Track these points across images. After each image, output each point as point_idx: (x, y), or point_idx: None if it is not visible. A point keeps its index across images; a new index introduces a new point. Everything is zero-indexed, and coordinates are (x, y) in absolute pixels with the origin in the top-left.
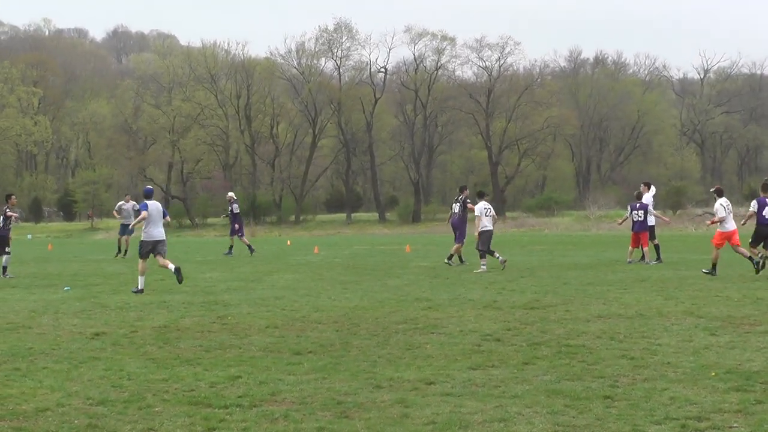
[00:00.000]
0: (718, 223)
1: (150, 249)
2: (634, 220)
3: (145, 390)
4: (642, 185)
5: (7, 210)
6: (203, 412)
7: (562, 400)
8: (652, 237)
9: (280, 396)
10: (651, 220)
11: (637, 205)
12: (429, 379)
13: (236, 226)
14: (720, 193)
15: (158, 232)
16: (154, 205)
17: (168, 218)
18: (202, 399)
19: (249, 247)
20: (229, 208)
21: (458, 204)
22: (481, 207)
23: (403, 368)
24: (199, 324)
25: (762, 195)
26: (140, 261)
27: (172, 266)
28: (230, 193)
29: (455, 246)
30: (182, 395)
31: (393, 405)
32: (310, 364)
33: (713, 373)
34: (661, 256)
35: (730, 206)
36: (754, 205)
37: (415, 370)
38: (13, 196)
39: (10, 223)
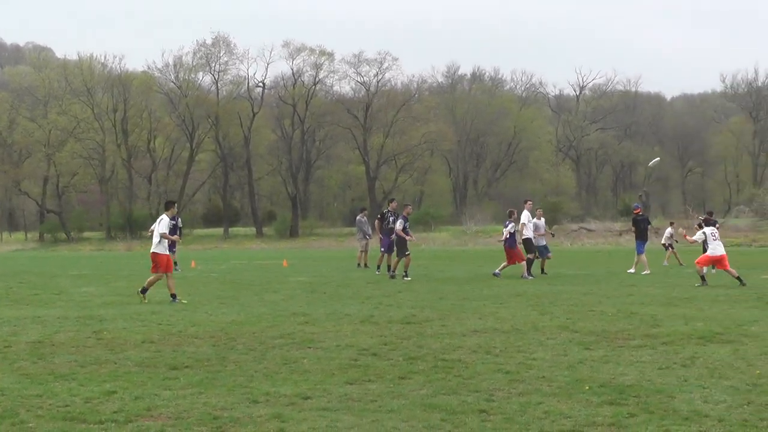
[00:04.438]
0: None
1: None
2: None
3: (19, 405)
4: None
5: None
6: (78, 427)
7: (438, 414)
8: (531, 251)
9: (156, 411)
10: (527, 234)
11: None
12: (305, 393)
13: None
14: (707, 223)
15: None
16: None
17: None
18: (76, 414)
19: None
20: (173, 222)
21: (393, 216)
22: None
23: (280, 383)
24: (74, 339)
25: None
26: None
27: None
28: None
29: (396, 259)
30: (57, 411)
31: (269, 420)
32: (187, 379)
33: (587, 387)
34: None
35: (716, 233)
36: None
37: (291, 385)
38: None
39: None
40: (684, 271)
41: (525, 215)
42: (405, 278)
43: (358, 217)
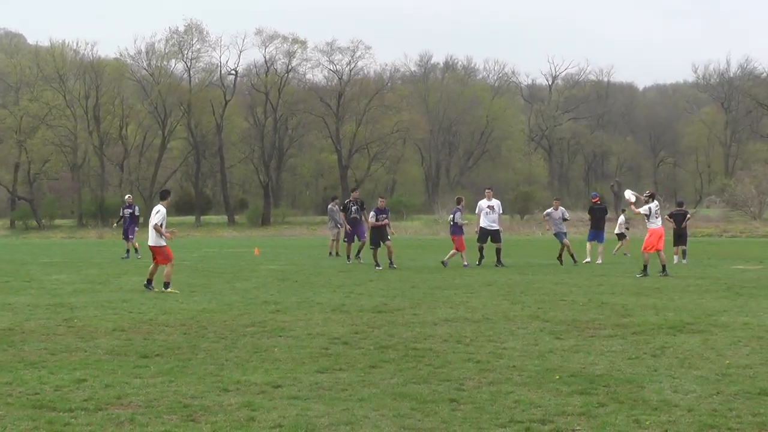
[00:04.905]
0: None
1: None
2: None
3: None
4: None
5: None
6: (48, 415)
7: (408, 404)
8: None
9: (126, 399)
10: (482, 223)
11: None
12: (276, 382)
13: (135, 228)
14: (653, 199)
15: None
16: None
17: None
18: (46, 402)
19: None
20: (129, 210)
21: (355, 206)
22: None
23: (251, 371)
24: (44, 327)
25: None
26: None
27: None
28: (129, 195)
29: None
30: (26, 398)
31: (240, 408)
32: (157, 367)
33: (557, 377)
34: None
35: (659, 211)
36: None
37: (262, 374)
38: None
39: None
40: (654, 261)
41: (479, 204)
42: (376, 267)
43: (329, 206)
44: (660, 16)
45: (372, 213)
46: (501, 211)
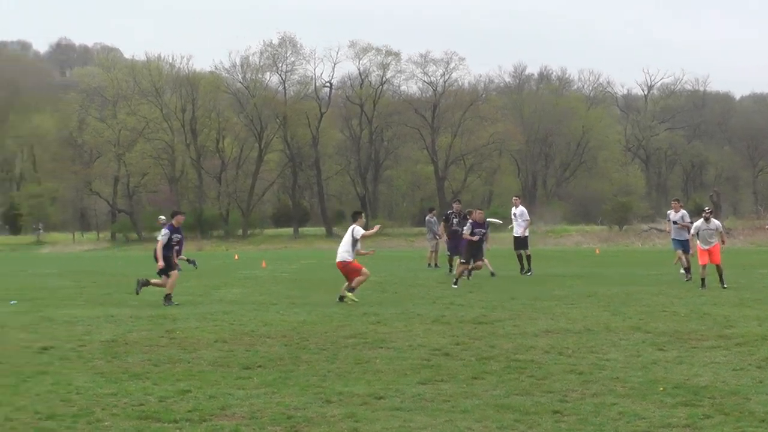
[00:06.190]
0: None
1: None
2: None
3: (94, 404)
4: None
5: None
6: (152, 426)
7: (511, 415)
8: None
9: (229, 410)
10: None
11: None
12: (378, 393)
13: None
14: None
15: None
16: None
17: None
18: (151, 413)
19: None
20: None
21: (457, 218)
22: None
23: (353, 383)
24: (147, 338)
25: None
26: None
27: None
28: (161, 216)
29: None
30: (131, 410)
31: (342, 419)
32: (260, 378)
33: (661, 388)
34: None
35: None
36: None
37: (364, 385)
38: None
39: None
40: (755, 272)
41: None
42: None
43: (427, 217)
44: (757, 24)
45: (467, 226)
46: (528, 218)
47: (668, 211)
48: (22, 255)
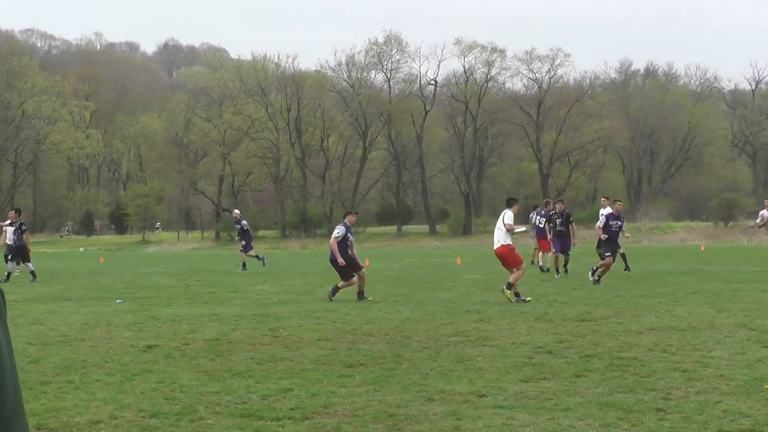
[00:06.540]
0: None
1: None
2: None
3: (198, 402)
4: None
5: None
6: (255, 424)
7: (614, 413)
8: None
9: (332, 408)
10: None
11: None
12: (481, 391)
13: (244, 242)
14: None
15: None
16: None
17: None
18: (254, 411)
19: (257, 257)
20: (238, 225)
21: (560, 218)
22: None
23: (455, 381)
24: (250, 336)
25: None
26: None
27: None
28: (236, 210)
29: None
30: (234, 408)
31: (445, 417)
32: (362, 376)
33: (766, 386)
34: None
35: None
36: None
37: (466, 383)
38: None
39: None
40: None
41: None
42: (597, 283)
43: (531, 215)
44: None
45: (601, 218)
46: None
47: (761, 211)
48: (128, 254)
